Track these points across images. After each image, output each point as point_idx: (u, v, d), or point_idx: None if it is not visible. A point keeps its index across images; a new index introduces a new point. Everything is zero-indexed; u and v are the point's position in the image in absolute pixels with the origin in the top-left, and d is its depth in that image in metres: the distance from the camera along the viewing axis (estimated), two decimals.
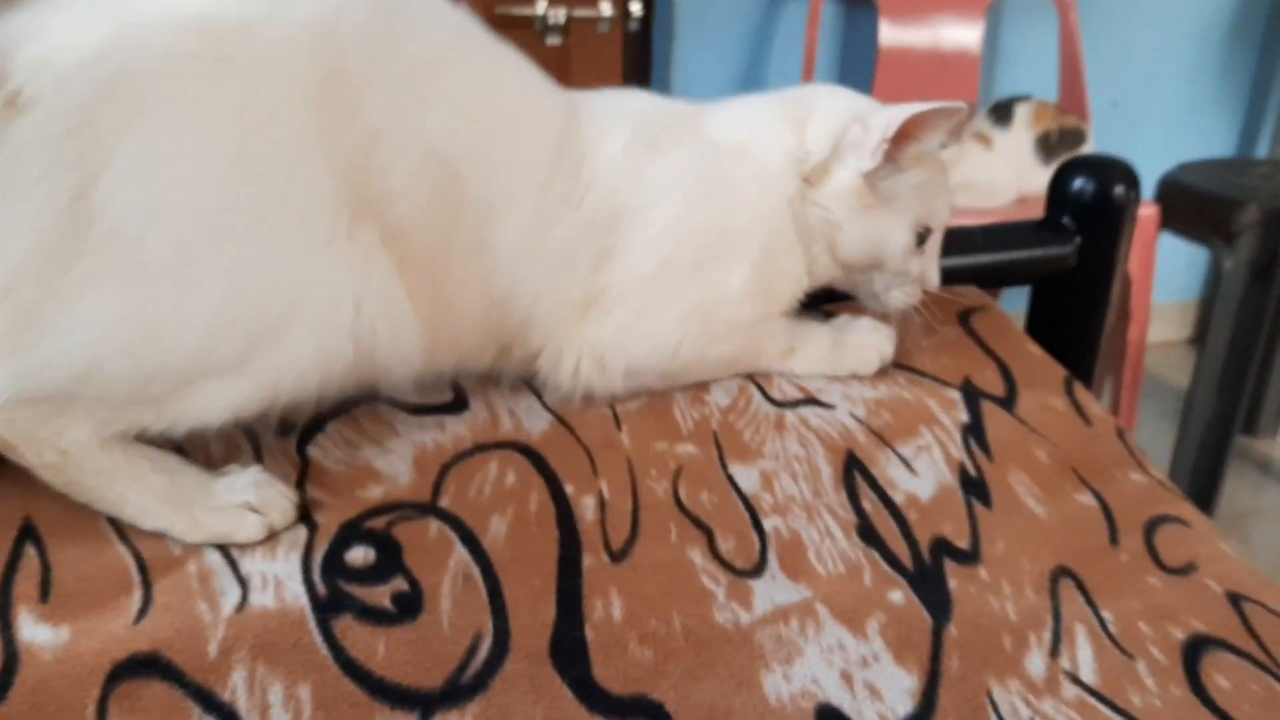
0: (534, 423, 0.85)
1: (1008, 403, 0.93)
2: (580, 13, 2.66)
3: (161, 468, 0.70)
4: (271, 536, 0.71)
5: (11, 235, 0.57)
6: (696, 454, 0.84)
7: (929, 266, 0.96)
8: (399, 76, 0.72)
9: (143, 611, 0.64)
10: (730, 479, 0.82)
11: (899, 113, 0.87)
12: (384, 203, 0.71)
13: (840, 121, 0.91)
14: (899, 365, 0.97)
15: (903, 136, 0.88)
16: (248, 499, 0.70)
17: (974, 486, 0.84)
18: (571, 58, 2.81)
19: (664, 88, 2.75)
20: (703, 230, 0.88)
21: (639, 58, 2.85)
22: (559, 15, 2.64)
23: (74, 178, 0.57)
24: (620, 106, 0.92)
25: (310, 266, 0.66)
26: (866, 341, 0.96)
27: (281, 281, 0.65)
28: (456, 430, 0.83)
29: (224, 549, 0.69)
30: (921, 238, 0.94)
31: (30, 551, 0.66)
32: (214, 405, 0.68)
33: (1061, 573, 0.77)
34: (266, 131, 0.63)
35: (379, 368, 0.74)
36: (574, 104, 0.88)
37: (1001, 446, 0.88)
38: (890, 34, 2.53)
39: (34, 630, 0.62)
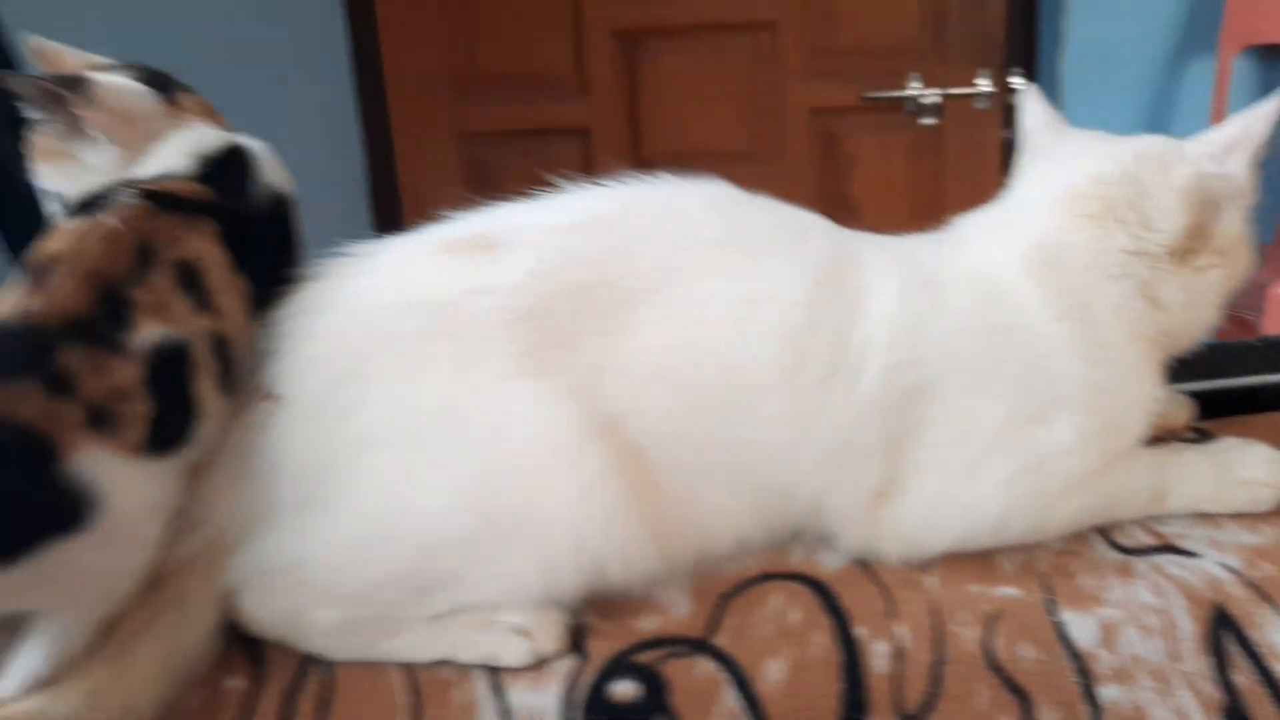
0: (827, 556, 0.77)
1: None
2: (956, 90, 2.53)
3: None
4: (541, 664, 0.69)
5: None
6: (1019, 596, 0.72)
7: None
8: (608, 313, 0.73)
9: None
10: (1059, 628, 0.69)
11: (1260, 110, 0.78)
12: (616, 425, 0.72)
13: (1184, 169, 0.79)
14: None
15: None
16: (517, 622, 0.69)
17: None
18: (946, 138, 2.68)
19: None
20: (1009, 390, 0.76)
21: None
22: (933, 95, 2.54)
23: (325, 448, 0.70)
24: (885, 248, 0.81)
25: (524, 496, 0.69)
26: (1258, 475, 0.79)
27: (496, 511, 0.69)
28: (741, 558, 0.77)
29: (495, 677, 0.68)
30: None
31: (314, 671, 0.69)
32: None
33: None
34: (475, 386, 0.70)
35: (612, 580, 0.71)
36: (837, 257, 0.78)
37: None
38: None
39: None
